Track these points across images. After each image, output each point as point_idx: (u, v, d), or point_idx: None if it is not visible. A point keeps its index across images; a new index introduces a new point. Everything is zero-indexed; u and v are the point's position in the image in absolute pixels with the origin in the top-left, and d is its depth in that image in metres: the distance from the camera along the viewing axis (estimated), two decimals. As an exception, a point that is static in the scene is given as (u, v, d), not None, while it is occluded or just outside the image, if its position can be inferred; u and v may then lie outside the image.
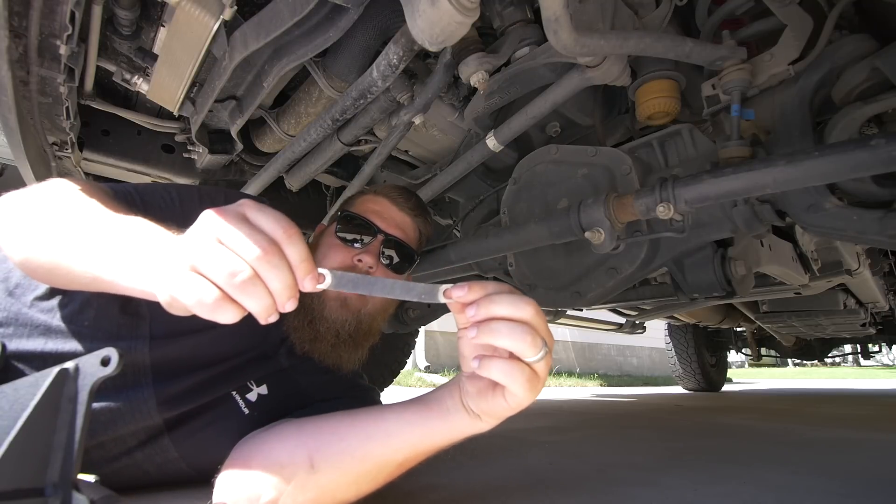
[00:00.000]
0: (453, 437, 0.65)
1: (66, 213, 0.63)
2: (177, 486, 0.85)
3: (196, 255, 0.47)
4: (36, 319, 0.76)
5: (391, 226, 0.95)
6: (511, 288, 0.56)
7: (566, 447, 1.51)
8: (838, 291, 2.67)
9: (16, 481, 0.43)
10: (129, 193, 0.81)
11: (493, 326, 0.53)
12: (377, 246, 0.92)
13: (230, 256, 0.46)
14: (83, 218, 0.61)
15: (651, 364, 10.81)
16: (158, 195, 0.84)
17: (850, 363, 16.15)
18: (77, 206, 0.64)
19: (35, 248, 0.63)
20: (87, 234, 0.59)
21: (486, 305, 0.53)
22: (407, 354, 2.84)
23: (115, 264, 0.55)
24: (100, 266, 0.56)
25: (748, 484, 1.05)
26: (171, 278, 0.48)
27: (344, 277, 0.52)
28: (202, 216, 0.51)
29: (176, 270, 0.48)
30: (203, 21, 0.89)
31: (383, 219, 0.95)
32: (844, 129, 0.87)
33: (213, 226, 0.49)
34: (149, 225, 0.57)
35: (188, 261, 0.47)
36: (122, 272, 0.54)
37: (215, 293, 0.46)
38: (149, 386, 0.79)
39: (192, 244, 0.48)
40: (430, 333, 6.97)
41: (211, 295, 0.46)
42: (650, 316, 2.70)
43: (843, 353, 6.38)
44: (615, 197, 0.95)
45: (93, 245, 0.57)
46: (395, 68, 0.94)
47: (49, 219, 0.63)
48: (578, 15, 0.85)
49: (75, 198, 0.65)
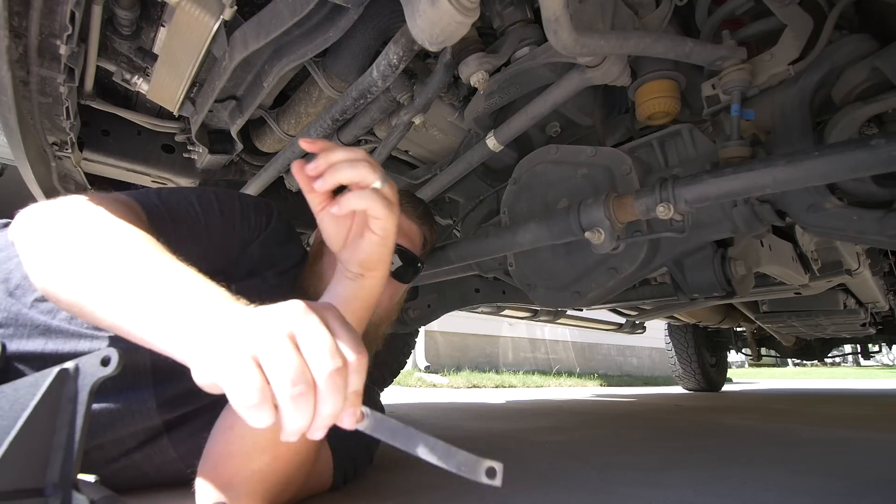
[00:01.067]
0: (356, 304, 0.71)
1: (96, 244, 0.56)
2: (176, 487, 0.85)
3: (264, 348, 0.42)
4: (36, 320, 0.76)
5: (398, 234, 0.95)
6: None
7: (566, 447, 1.51)
8: (838, 291, 2.67)
9: (16, 481, 0.43)
10: (156, 208, 0.77)
11: (336, 168, 0.62)
12: None
13: (299, 363, 0.42)
14: (117, 254, 0.55)
15: (651, 364, 10.81)
16: (183, 208, 0.81)
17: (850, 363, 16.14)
18: (110, 237, 0.57)
19: (59, 280, 0.57)
20: (120, 277, 0.52)
21: (327, 169, 0.62)
22: (407, 354, 2.84)
23: (153, 323, 0.48)
24: (131, 320, 0.50)
25: (748, 484, 1.05)
26: (224, 363, 0.42)
27: (383, 423, 0.47)
28: (283, 307, 0.45)
29: (233, 356, 0.42)
30: (203, 21, 0.89)
31: None
32: (844, 129, 0.87)
33: (291, 321, 0.44)
34: (201, 284, 0.51)
35: (251, 350, 0.42)
36: (161, 335, 0.48)
37: (265, 395, 0.40)
38: (149, 387, 0.79)
39: (263, 334, 0.43)
40: (430, 333, 6.97)
41: (259, 396, 0.40)
42: (650, 316, 2.70)
43: (843, 353, 6.39)
44: (615, 197, 0.95)
45: (126, 294, 0.51)
46: (395, 68, 0.94)
47: (77, 248, 0.57)
48: (578, 15, 0.84)
49: (107, 224, 0.60)
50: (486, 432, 1.82)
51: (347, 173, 0.62)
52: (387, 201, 0.64)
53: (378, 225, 0.66)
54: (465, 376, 6.12)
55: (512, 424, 2.12)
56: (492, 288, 1.99)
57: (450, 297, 2.02)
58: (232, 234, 0.87)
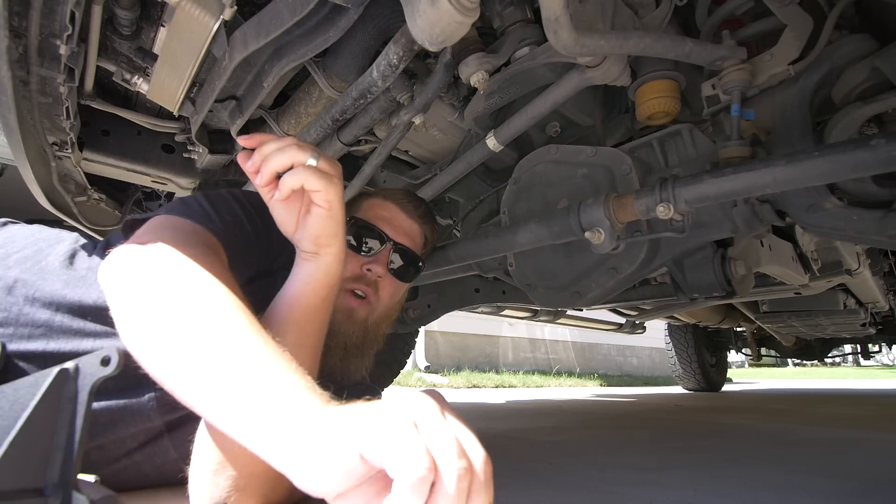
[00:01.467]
0: (316, 285, 0.72)
1: (185, 324, 0.55)
2: (177, 487, 0.85)
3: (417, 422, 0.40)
4: (37, 319, 0.76)
5: (400, 234, 0.96)
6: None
7: (566, 447, 1.51)
8: (838, 291, 2.67)
9: (16, 481, 0.43)
10: (222, 234, 0.74)
11: (267, 158, 0.66)
12: (386, 255, 0.93)
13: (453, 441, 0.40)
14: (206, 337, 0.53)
15: (651, 364, 10.81)
16: (236, 226, 0.79)
17: (850, 363, 16.14)
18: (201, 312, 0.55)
19: (148, 355, 0.57)
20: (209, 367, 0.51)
21: (259, 160, 0.66)
22: (407, 354, 2.85)
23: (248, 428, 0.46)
24: (224, 419, 0.49)
25: (748, 484, 1.05)
26: (385, 437, 0.38)
27: None
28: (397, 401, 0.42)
29: (397, 428, 0.39)
30: (203, 21, 0.89)
31: (392, 227, 0.96)
32: (844, 129, 0.87)
33: (412, 410, 0.41)
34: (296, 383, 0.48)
35: (409, 423, 0.39)
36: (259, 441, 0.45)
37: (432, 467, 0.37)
38: (149, 387, 0.78)
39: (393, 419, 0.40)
40: (430, 333, 6.97)
41: (429, 463, 0.37)
42: (650, 316, 2.70)
43: (843, 353, 6.39)
44: (615, 197, 0.95)
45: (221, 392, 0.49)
46: (395, 68, 0.94)
47: (164, 325, 0.56)
48: (578, 15, 0.84)
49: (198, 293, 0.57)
50: (486, 432, 1.82)
51: (278, 160, 0.65)
52: (322, 173, 0.66)
53: (320, 197, 0.68)
54: (465, 376, 6.12)
55: (512, 424, 2.12)
56: (492, 288, 1.99)
57: (450, 297, 2.02)
58: (270, 235, 0.87)
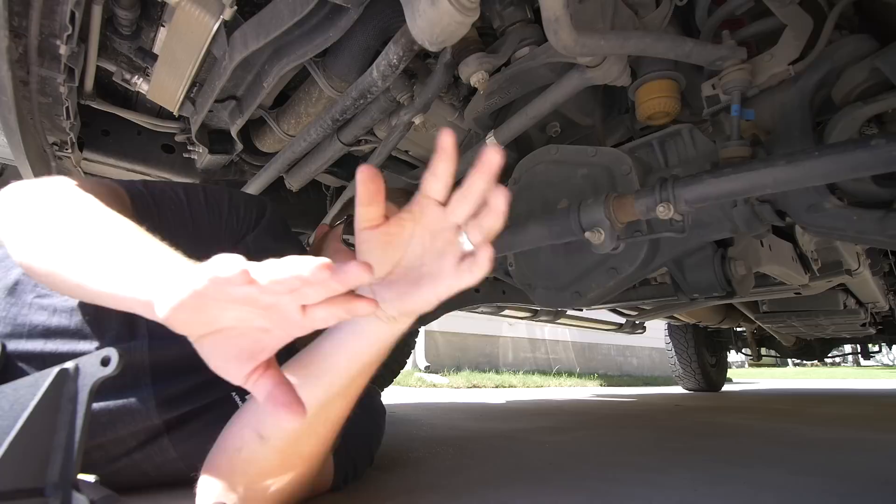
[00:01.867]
0: (381, 346, 0.64)
1: (71, 218, 0.59)
2: (176, 487, 0.85)
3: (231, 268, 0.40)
4: (35, 320, 0.76)
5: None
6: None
7: (566, 447, 1.51)
8: (838, 291, 2.67)
9: (16, 481, 0.43)
10: (141, 194, 0.80)
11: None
12: None
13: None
14: (88, 224, 0.58)
15: (651, 364, 10.81)
16: (168, 196, 0.84)
17: (850, 363, 16.14)
18: (86, 212, 0.60)
19: (35, 253, 0.60)
20: (89, 242, 0.55)
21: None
22: (407, 354, 2.84)
23: (115, 276, 0.50)
24: (94, 277, 0.52)
25: (748, 484, 1.05)
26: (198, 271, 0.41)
27: None
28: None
29: (202, 269, 0.41)
30: (203, 21, 0.90)
31: None
32: (844, 129, 0.87)
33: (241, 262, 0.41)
34: (165, 248, 0.52)
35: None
36: (123, 284, 0.49)
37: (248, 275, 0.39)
38: (148, 386, 0.79)
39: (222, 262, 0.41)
40: (430, 333, 6.97)
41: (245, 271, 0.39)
42: (650, 316, 2.70)
43: (843, 353, 6.39)
44: (615, 197, 0.95)
45: (93, 256, 0.53)
46: (395, 68, 0.94)
47: (53, 223, 0.60)
48: (578, 15, 0.85)
49: (84, 202, 0.62)
50: (487, 432, 1.82)
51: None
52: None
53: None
54: (465, 376, 6.12)
55: (512, 424, 2.12)
56: (492, 288, 1.99)
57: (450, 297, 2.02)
58: (220, 225, 0.87)
